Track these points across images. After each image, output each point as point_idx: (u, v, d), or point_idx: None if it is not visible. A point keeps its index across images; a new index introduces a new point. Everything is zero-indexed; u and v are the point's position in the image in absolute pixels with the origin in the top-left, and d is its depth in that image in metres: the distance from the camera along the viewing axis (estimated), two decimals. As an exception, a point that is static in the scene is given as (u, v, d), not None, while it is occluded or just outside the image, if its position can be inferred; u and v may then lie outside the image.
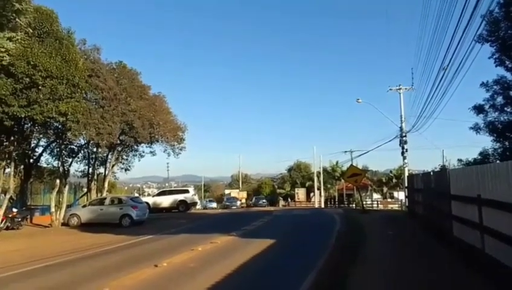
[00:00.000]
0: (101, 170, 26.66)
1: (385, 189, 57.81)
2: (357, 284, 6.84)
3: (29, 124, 19.22)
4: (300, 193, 57.22)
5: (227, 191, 68.27)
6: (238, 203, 48.12)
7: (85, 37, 21.42)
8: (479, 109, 16.28)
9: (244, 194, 60.73)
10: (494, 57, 15.23)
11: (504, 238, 5.99)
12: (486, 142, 17.00)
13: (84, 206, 21.11)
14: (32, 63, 15.47)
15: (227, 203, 46.87)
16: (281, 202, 56.47)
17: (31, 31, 16.47)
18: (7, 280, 8.43)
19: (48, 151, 24.37)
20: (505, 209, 5.94)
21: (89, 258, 10.86)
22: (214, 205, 49.73)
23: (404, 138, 27.02)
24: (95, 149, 24.73)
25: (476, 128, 16.44)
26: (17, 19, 16.12)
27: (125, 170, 28.20)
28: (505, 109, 15.76)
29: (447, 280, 6.96)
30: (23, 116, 16.01)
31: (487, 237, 6.87)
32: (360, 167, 35.60)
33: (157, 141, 25.48)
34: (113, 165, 25.69)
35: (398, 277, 7.33)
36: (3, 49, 15.48)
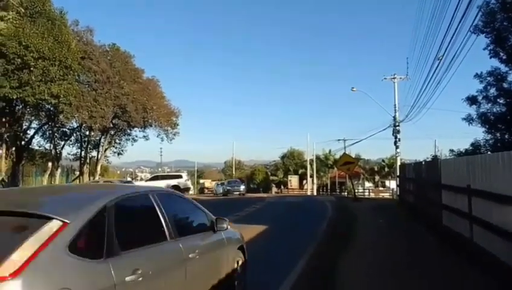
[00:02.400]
0: (94, 153, 26.62)
1: (377, 178, 58.36)
2: (346, 267, 6.95)
3: (21, 106, 19.04)
4: (293, 180, 57.57)
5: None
6: (242, 187, 37.16)
7: (77, 16, 21.18)
8: (472, 100, 16.39)
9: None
10: (489, 48, 15.31)
11: (492, 228, 6.10)
12: (478, 133, 17.17)
13: (77, 189, 21.03)
14: (24, 43, 15.24)
15: (228, 188, 36.57)
16: (274, 189, 56.79)
17: (22, 10, 16.19)
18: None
19: (40, 134, 24.26)
20: (494, 199, 6.03)
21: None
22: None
23: (397, 128, 27.18)
24: (87, 132, 24.62)
25: (469, 119, 16.58)
26: (8, -2, 15.85)
27: (118, 154, 28.21)
28: (498, 100, 15.88)
29: (434, 266, 7.10)
30: (14, 97, 15.84)
31: (476, 227, 6.99)
32: (352, 155, 35.79)
33: (151, 126, 25.43)
34: (105, 149, 25.62)
35: (386, 264, 7.45)
36: (-6, 29, 15.24)
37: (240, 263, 5.10)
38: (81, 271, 2.50)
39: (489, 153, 14.52)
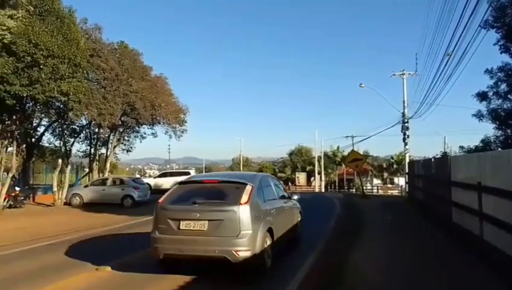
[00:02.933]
0: (103, 150, 26.75)
1: (385, 174, 58.03)
2: (354, 264, 6.95)
3: (31, 103, 19.19)
4: (301, 177, 57.48)
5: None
6: None
7: (86, 14, 21.28)
8: (482, 96, 16.21)
9: None
10: (500, 43, 15.12)
11: (503, 226, 6.05)
12: (488, 129, 17.02)
13: (86, 186, 21.27)
14: (33, 41, 15.33)
15: None
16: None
17: (32, 9, 16.29)
18: (11, 257, 8.57)
19: (50, 131, 24.45)
20: (505, 196, 5.98)
21: (92, 237, 11.01)
22: None
23: (406, 124, 26.93)
24: (96, 129, 24.77)
25: (479, 115, 16.41)
26: (18, -4, 15.96)
27: (127, 151, 28.30)
28: (509, 96, 15.70)
29: (443, 263, 7.06)
30: (25, 95, 15.97)
31: (486, 224, 6.93)
32: (361, 152, 35.65)
33: (159, 123, 25.47)
34: (114, 146, 25.76)
35: (394, 261, 7.42)
36: (4, 27, 15.37)
37: (299, 219, 9.16)
38: (260, 205, 6.46)
39: (499, 149, 14.37)
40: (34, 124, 22.80)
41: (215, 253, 5.91)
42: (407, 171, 22.29)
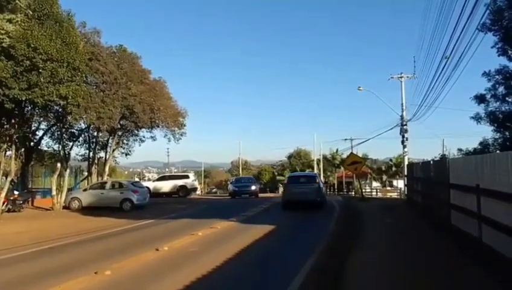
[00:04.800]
0: (102, 154, 26.73)
1: (384, 177, 57.95)
2: (352, 269, 6.95)
3: (30, 107, 19.18)
4: (300, 180, 57.17)
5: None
6: (254, 187, 30.99)
7: (84, 18, 21.24)
8: (480, 99, 16.25)
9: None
10: (497, 46, 15.15)
11: (502, 228, 6.07)
12: (486, 132, 17.04)
13: (85, 190, 21.24)
14: (32, 45, 15.35)
15: (235, 189, 30.64)
16: (281, 189, 56.66)
17: (30, 13, 16.31)
18: (12, 260, 8.56)
19: (49, 135, 24.40)
20: (504, 199, 6.00)
21: (91, 241, 11.00)
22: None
23: (404, 127, 26.97)
24: (95, 133, 24.74)
25: (477, 118, 16.44)
26: (16, 0, 15.97)
27: (126, 154, 28.25)
28: (507, 99, 15.75)
29: (442, 266, 7.06)
30: (23, 99, 15.97)
31: (485, 226, 6.95)
32: (360, 155, 35.59)
33: (158, 126, 25.44)
34: (113, 150, 25.72)
35: (392, 265, 7.42)
36: (3, 31, 15.40)
37: (326, 194, 23.51)
38: (321, 184, 19.01)
39: (498, 152, 14.41)
40: (33, 128, 22.79)
41: (310, 199, 16.92)
42: (406, 173, 22.33)
